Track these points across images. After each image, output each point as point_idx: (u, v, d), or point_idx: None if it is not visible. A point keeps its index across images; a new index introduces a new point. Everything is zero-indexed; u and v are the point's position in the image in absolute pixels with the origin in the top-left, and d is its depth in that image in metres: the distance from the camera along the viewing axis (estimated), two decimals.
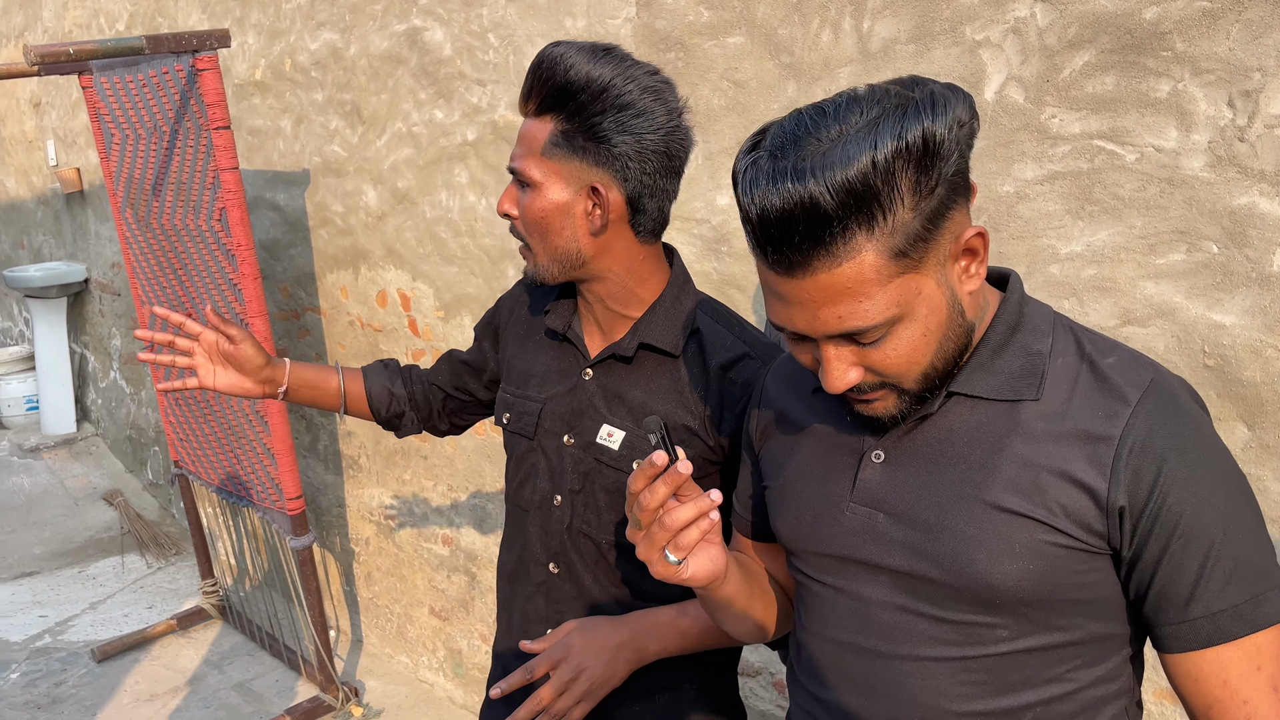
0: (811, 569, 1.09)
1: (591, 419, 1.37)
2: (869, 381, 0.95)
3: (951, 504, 0.96)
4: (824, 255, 0.85)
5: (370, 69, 3.12)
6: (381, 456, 3.54)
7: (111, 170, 3.57)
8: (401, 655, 3.64)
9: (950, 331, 0.93)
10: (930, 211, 0.86)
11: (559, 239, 1.30)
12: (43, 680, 3.61)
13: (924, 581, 0.98)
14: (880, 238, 0.85)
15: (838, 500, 1.05)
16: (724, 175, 2.19)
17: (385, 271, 3.29)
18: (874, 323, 0.88)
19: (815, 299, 0.88)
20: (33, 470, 5.52)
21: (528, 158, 1.28)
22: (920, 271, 0.88)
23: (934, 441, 0.99)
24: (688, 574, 1.00)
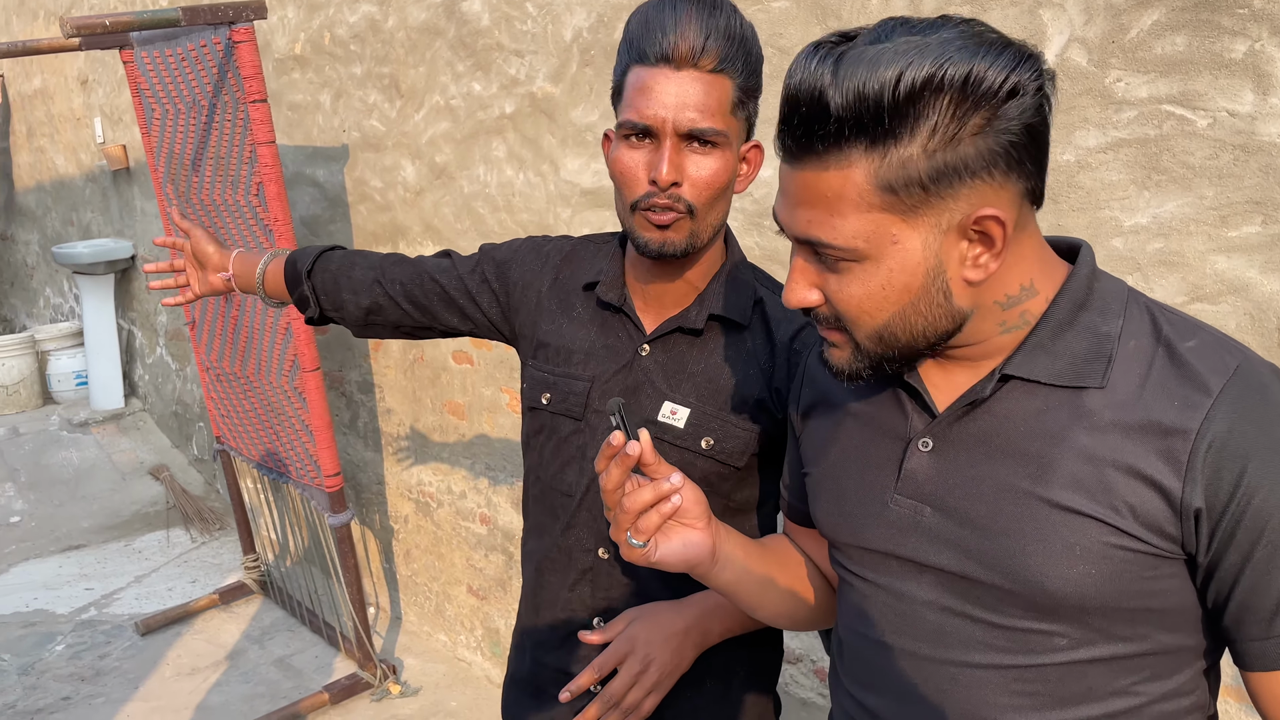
0: (853, 563, 1.03)
1: (650, 396, 1.31)
2: (824, 313, 0.89)
3: (1005, 500, 0.88)
4: (814, 155, 0.81)
5: (408, 41, 3.07)
6: (420, 434, 3.52)
7: (153, 146, 3.56)
8: (440, 633, 3.63)
9: (920, 305, 0.85)
10: (944, 164, 0.78)
11: (724, 204, 1.24)
12: (87, 652, 3.64)
13: (974, 583, 0.90)
14: (874, 161, 0.79)
15: (880, 491, 0.98)
16: (767, 146, 2.11)
17: (424, 248, 3.25)
18: (834, 242, 0.83)
19: (796, 195, 0.84)
20: (81, 445, 5.59)
21: (716, 115, 1.17)
22: (907, 221, 0.81)
23: (987, 430, 0.91)
24: (655, 557, 0.99)
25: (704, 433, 1.28)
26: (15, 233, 7.69)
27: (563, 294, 1.42)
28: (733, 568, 1.07)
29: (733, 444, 1.29)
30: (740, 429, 1.28)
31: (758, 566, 1.11)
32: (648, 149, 1.19)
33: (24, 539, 4.68)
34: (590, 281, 1.38)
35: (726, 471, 1.30)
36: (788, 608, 1.15)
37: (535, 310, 1.44)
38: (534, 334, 1.43)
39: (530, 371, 1.42)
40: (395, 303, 1.51)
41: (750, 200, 2.17)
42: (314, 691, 3.26)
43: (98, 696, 3.35)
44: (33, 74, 6.48)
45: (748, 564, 1.09)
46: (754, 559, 1.11)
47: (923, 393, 0.95)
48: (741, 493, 1.34)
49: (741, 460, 1.29)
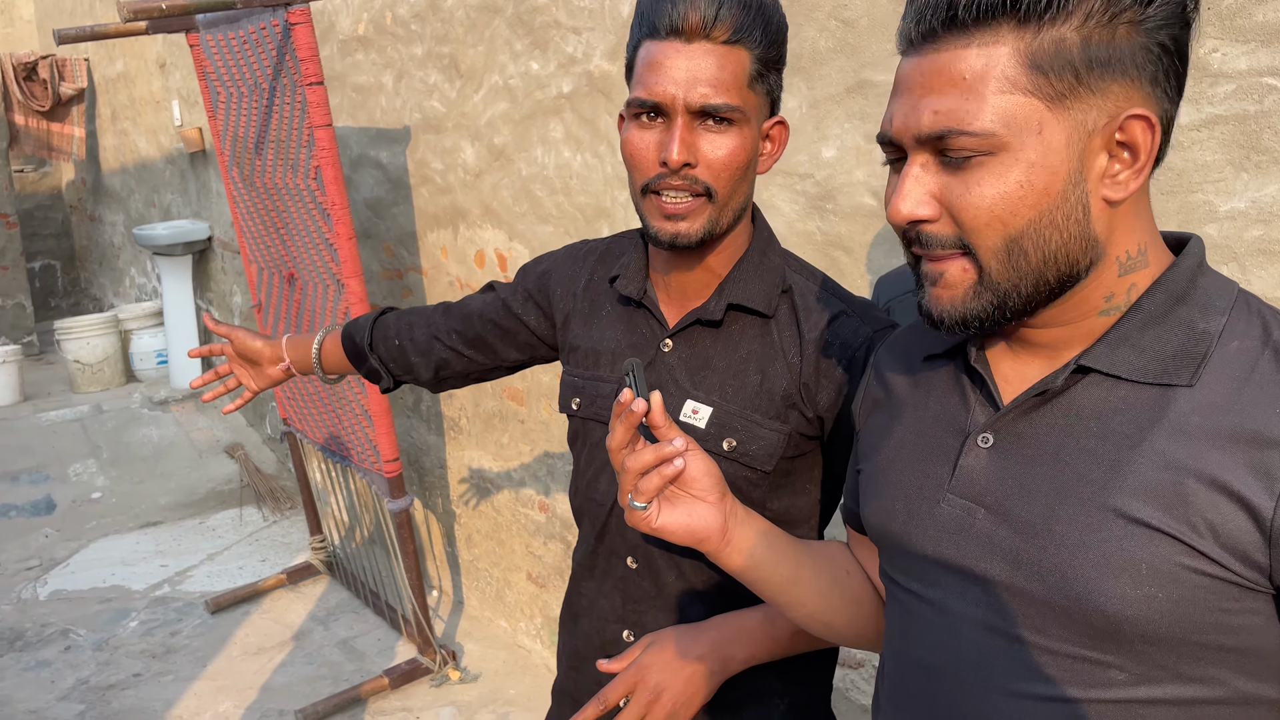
0: (898, 571, 0.93)
1: (672, 395, 1.22)
2: (939, 233, 0.78)
3: (1065, 504, 0.78)
4: (958, 29, 0.74)
5: (467, 20, 3.01)
6: (480, 419, 3.49)
7: (218, 129, 3.58)
8: (500, 619, 3.61)
9: (1058, 215, 0.75)
10: (1100, 52, 0.72)
11: (746, 185, 1.15)
12: (159, 629, 3.71)
13: (1023, 599, 0.80)
14: (1025, 38, 0.72)
15: (933, 490, 0.88)
16: (830, 125, 1.99)
17: (483, 231, 3.21)
18: (970, 127, 0.73)
19: (925, 82, 0.76)
20: (161, 423, 5.72)
21: (731, 90, 1.08)
22: (1053, 110, 0.73)
23: (1056, 426, 0.81)
24: (657, 523, 0.96)
25: (726, 433, 1.19)
26: (103, 214, 7.91)
27: (594, 294, 1.35)
28: (749, 555, 0.99)
29: (758, 446, 1.19)
30: (766, 429, 1.18)
31: (785, 562, 1.02)
32: (659, 129, 1.11)
33: (104, 515, 4.80)
34: (614, 275, 1.30)
35: (754, 476, 1.20)
36: (823, 614, 1.06)
37: (570, 314, 1.37)
38: (567, 337, 1.37)
39: (564, 377, 1.36)
40: (458, 353, 1.48)
41: (812, 183, 2.06)
42: (374, 675, 3.27)
43: (167, 674, 3.40)
44: (115, 58, 6.63)
45: (770, 555, 1.01)
46: (780, 552, 1.02)
47: (989, 381, 0.85)
48: (778, 501, 1.24)
49: (770, 464, 1.19)
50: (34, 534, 4.61)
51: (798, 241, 2.11)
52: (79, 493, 5.02)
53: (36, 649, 3.60)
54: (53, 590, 4.07)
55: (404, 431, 3.98)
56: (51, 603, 3.96)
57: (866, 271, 2.01)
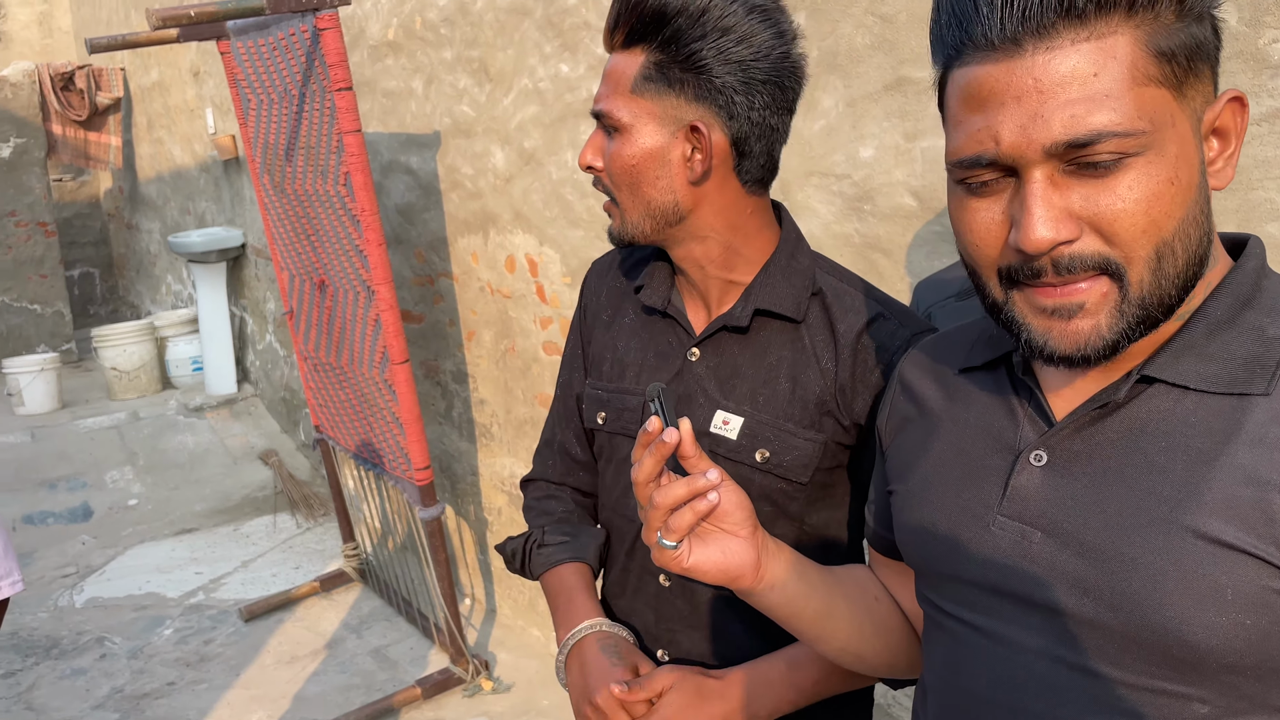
0: (943, 598, 0.87)
1: (702, 406, 1.17)
2: (1082, 252, 0.69)
3: (1137, 526, 0.72)
4: (1073, 20, 0.67)
5: (496, 23, 2.98)
6: (512, 425, 3.45)
7: (249, 136, 3.57)
8: (533, 628, 3.57)
9: (1198, 209, 0.71)
10: (1194, 37, 0.69)
11: (652, 190, 1.10)
12: (193, 638, 3.71)
13: (1094, 628, 0.74)
14: (1144, 24, 0.67)
15: (981, 511, 0.82)
16: (868, 124, 1.93)
17: (513, 236, 3.17)
18: (1118, 127, 0.66)
19: (1043, 87, 0.67)
20: (196, 429, 5.75)
21: (614, 97, 1.09)
22: (1178, 100, 0.69)
23: (1117, 442, 0.75)
24: (688, 562, 0.89)
25: (758, 444, 1.14)
26: (139, 221, 7.98)
27: (617, 302, 1.30)
28: (782, 590, 0.93)
29: (792, 456, 1.14)
30: (800, 439, 1.13)
31: (817, 594, 0.96)
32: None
33: (140, 521, 4.83)
34: (639, 285, 1.25)
35: (790, 488, 1.15)
36: (854, 646, 1.00)
37: (593, 327, 1.32)
38: (594, 352, 1.32)
39: (588, 390, 1.30)
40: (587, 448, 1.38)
41: (849, 183, 2.00)
42: (407, 685, 3.24)
43: (201, 683, 3.40)
44: (150, 67, 6.68)
45: (802, 589, 0.95)
46: (813, 585, 0.96)
47: (1038, 394, 0.79)
48: (817, 515, 1.19)
49: (805, 475, 1.14)
50: (71, 541, 4.63)
51: (834, 244, 2.05)
52: (115, 500, 5.05)
53: (72, 657, 3.61)
54: (89, 598, 4.08)
55: (435, 438, 3.96)
56: (87, 610, 3.98)
57: (907, 274, 1.94)
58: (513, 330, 3.30)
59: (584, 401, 1.31)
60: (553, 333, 3.10)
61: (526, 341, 3.25)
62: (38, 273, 7.42)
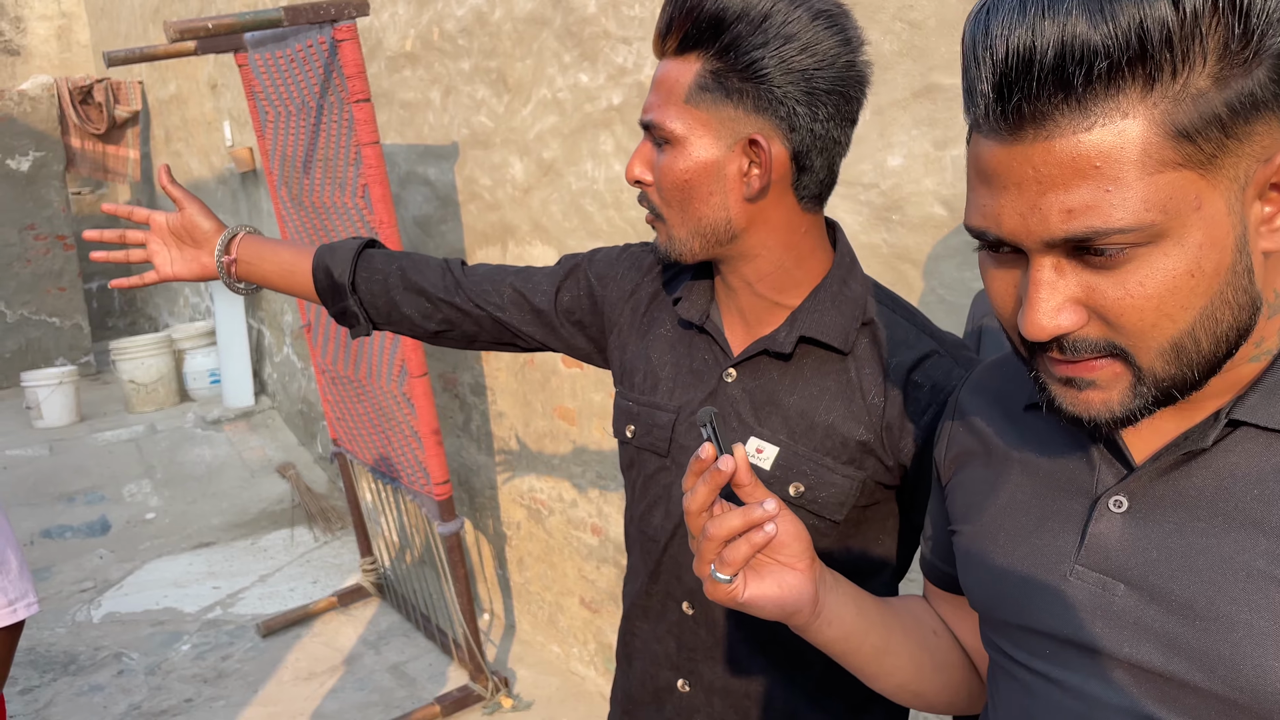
0: (1014, 647, 0.82)
1: (735, 431, 1.11)
2: (1088, 336, 0.65)
3: (1231, 582, 0.67)
4: (1073, 108, 0.60)
5: (515, 33, 2.95)
6: (531, 439, 3.42)
7: (267, 148, 3.56)
8: (553, 645, 3.53)
9: (1229, 291, 0.63)
10: (1240, 95, 0.59)
11: (704, 207, 1.04)
12: (211, 653, 3.69)
13: (1184, 688, 0.69)
14: (1160, 103, 0.59)
15: (1057, 561, 0.77)
16: (896, 132, 1.89)
17: (532, 248, 3.14)
18: (1120, 224, 0.60)
19: (1042, 176, 0.62)
20: (214, 442, 5.74)
21: (666, 106, 1.01)
22: (1206, 177, 0.60)
23: (1205, 490, 0.70)
24: (744, 597, 0.84)
25: (794, 477, 1.08)
26: None
27: (656, 311, 1.25)
28: (840, 625, 0.89)
29: (828, 493, 1.08)
30: (838, 475, 1.07)
31: (875, 629, 0.92)
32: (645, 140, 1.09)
33: (158, 535, 4.81)
34: (678, 296, 1.20)
35: (823, 526, 1.09)
36: (914, 683, 0.95)
37: (626, 330, 1.27)
38: (622, 357, 1.26)
39: (617, 400, 1.26)
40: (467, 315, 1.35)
41: (876, 193, 1.95)
42: (426, 703, 3.20)
43: (218, 700, 3.37)
44: (168, 80, 6.70)
45: (860, 624, 0.90)
46: (870, 619, 0.92)
47: (1116, 437, 0.74)
48: (848, 554, 1.13)
49: (840, 513, 1.08)
50: (89, 555, 4.62)
51: (862, 255, 2.01)
52: (133, 513, 5.04)
53: (89, 673, 3.59)
54: (106, 613, 4.06)
55: (454, 451, 3.93)
56: (105, 625, 3.96)
57: (937, 285, 1.90)
58: None
59: (614, 410, 1.26)
60: None
61: (544, 354, 3.22)
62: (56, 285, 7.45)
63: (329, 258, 1.38)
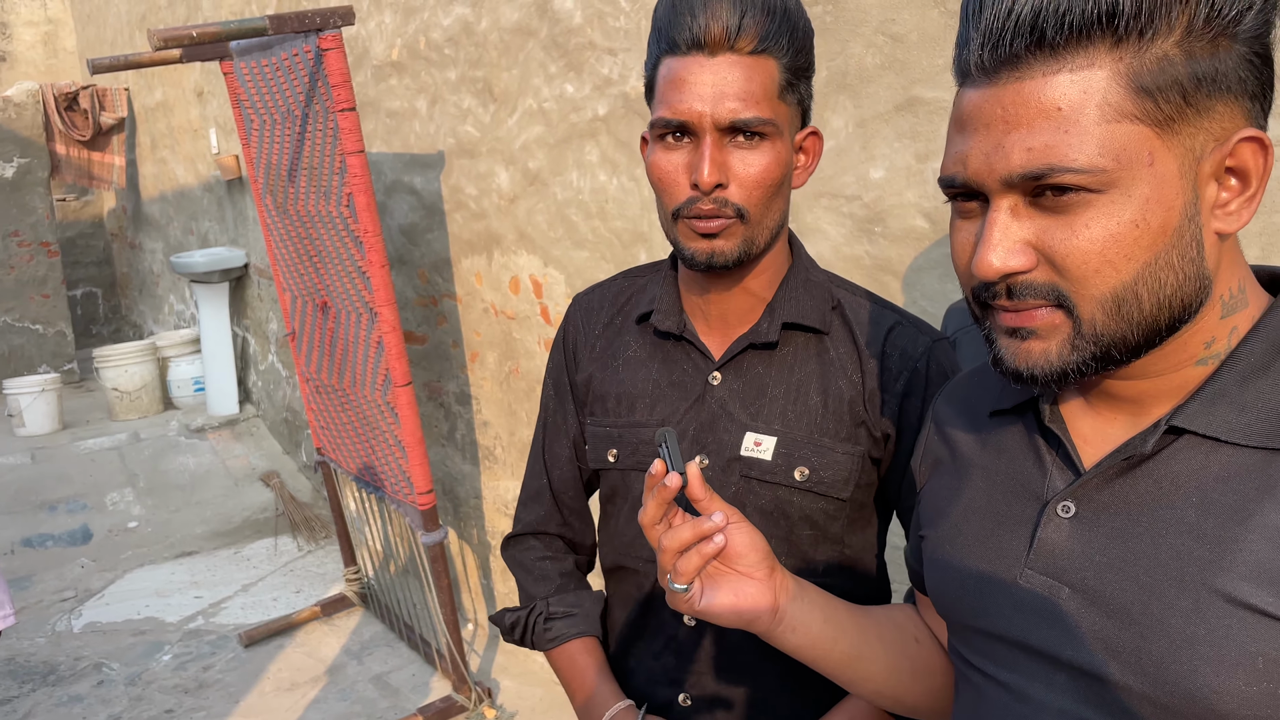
0: (970, 650, 0.83)
1: (728, 430, 1.13)
2: (1034, 281, 0.68)
3: (1166, 589, 0.68)
4: (1046, 53, 0.65)
5: (501, 43, 2.95)
6: (516, 448, 3.41)
7: (252, 157, 3.55)
8: (537, 655, 3.52)
9: (1174, 254, 0.66)
10: (1203, 69, 0.64)
11: (780, 201, 1.07)
12: (192, 664, 3.66)
13: (1120, 691, 0.70)
14: (1125, 57, 0.64)
15: (1009, 563, 0.78)
16: (878, 144, 1.90)
17: (517, 257, 3.14)
18: (1074, 164, 0.64)
19: (1009, 116, 0.66)
20: (197, 450, 5.71)
21: (762, 103, 1.01)
22: (1162, 137, 0.64)
23: (1147, 496, 0.71)
24: (700, 605, 0.87)
25: (796, 462, 1.11)
26: (143, 241, 7.97)
27: (616, 335, 1.25)
28: (805, 632, 0.90)
29: (833, 472, 1.10)
30: (839, 453, 1.10)
31: (846, 636, 0.93)
32: (686, 149, 1.03)
33: (140, 544, 4.78)
34: (644, 313, 1.21)
35: (832, 507, 1.12)
36: (891, 689, 0.96)
37: (589, 363, 1.27)
38: (589, 386, 1.26)
39: (591, 429, 1.25)
40: (577, 479, 1.35)
41: (859, 205, 1.96)
42: (409, 713, 3.18)
43: (199, 710, 3.34)
44: (154, 87, 6.68)
45: (829, 631, 0.91)
46: (841, 626, 0.93)
47: (1066, 442, 0.76)
48: (856, 535, 1.16)
49: (846, 490, 1.11)
50: (70, 564, 4.59)
51: (845, 266, 2.02)
52: (115, 522, 5.01)
53: (69, 684, 3.56)
54: (87, 622, 4.03)
55: (438, 460, 3.92)
56: (85, 635, 3.93)
57: (919, 297, 1.91)
58: (516, 352, 3.27)
59: (587, 442, 1.26)
60: None
61: (530, 363, 3.22)
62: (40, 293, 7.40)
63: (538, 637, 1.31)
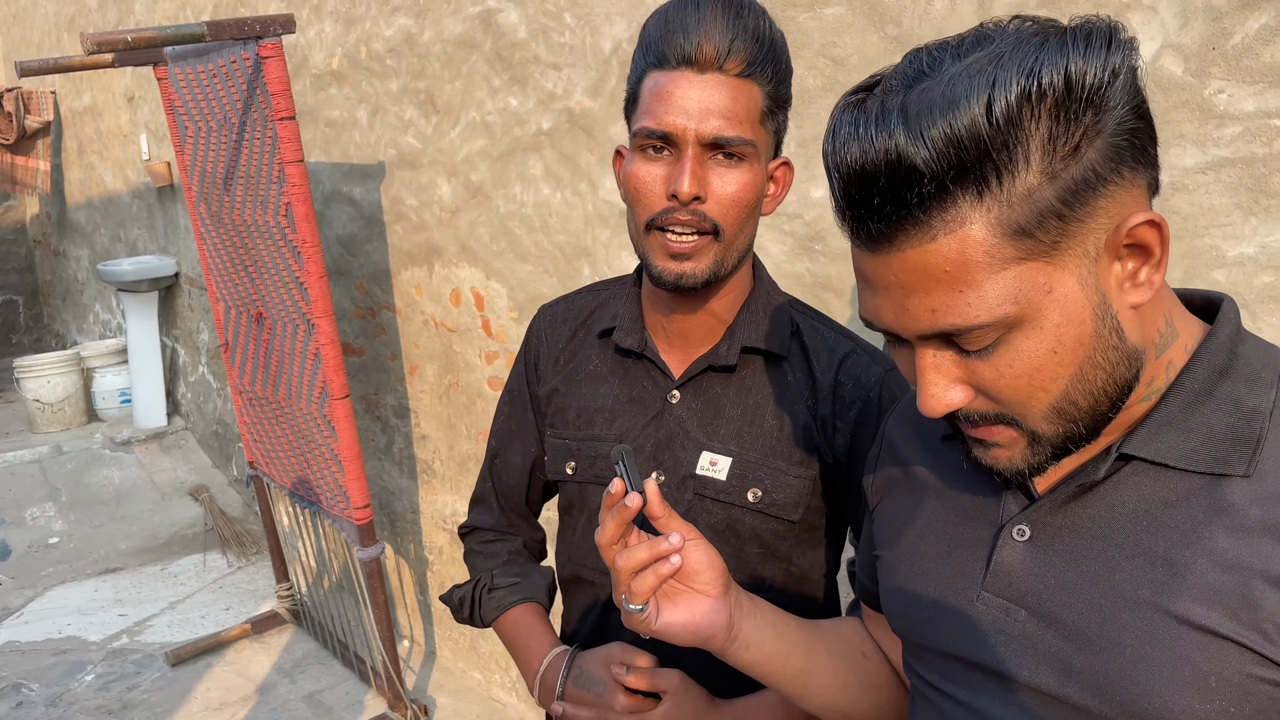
0: (928, 670, 0.85)
1: (685, 448, 1.15)
2: (979, 409, 0.71)
3: (1120, 610, 0.70)
4: (913, 225, 0.64)
5: (444, 55, 2.95)
6: (455, 462, 3.38)
7: (186, 164, 3.48)
8: (474, 671, 3.49)
9: (1097, 355, 0.67)
10: (1073, 181, 0.63)
11: (752, 224, 1.09)
12: (116, 684, 3.55)
13: (1077, 711, 0.72)
14: (993, 207, 0.63)
15: (965, 586, 0.80)
16: (819, 165, 1.93)
17: (459, 269, 3.13)
18: (977, 321, 0.65)
19: (903, 283, 0.67)
20: (123, 464, 5.55)
21: (745, 124, 1.03)
22: (1053, 262, 0.64)
23: (1100, 521, 0.73)
24: (656, 625, 0.87)
25: (750, 484, 1.12)
26: (67, 249, 7.75)
27: (577, 349, 1.26)
28: (758, 649, 0.91)
29: (785, 494, 1.12)
30: (792, 476, 1.12)
31: (797, 652, 0.94)
32: (666, 161, 1.04)
33: (62, 561, 4.63)
34: (606, 328, 1.22)
35: (782, 528, 1.14)
36: (839, 704, 0.98)
37: (551, 375, 1.28)
38: (551, 399, 1.27)
39: (551, 441, 1.26)
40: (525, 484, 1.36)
41: (800, 224, 2.00)
42: None
43: None
44: (82, 91, 6.51)
45: (781, 647, 0.92)
46: (792, 642, 0.94)
47: None
48: (804, 555, 1.18)
49: (796, 513, 1.13)
50: None
51: (786, 283, 2.05)
52: (35, 538, 4.85)
53: None
54: (5, 641, 3.89)
55: (375, 474, 3.87)
56: (3, 655, 3.79)
57: (855, 315, 1.94)
58: (457, 365, 3.25)
59: (547, 453, 1.26)
60: (498, 368, 3.05)
61: (471, 376, 3.20)
62: None
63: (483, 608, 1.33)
